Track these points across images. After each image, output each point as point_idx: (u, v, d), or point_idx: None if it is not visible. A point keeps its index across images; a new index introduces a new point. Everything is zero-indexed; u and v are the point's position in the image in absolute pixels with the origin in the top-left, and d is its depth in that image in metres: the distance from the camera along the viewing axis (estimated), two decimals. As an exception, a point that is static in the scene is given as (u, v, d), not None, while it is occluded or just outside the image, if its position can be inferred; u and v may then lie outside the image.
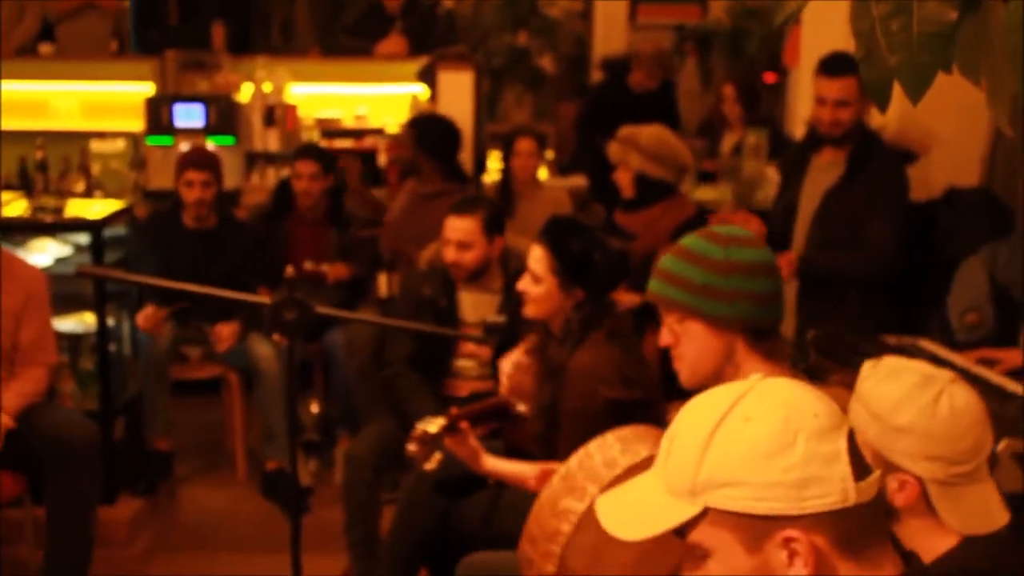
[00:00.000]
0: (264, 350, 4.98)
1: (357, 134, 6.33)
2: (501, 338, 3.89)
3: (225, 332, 4.99)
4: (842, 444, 1.35)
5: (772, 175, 5.23)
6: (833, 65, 4.10)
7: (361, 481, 3.98)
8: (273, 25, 7.21)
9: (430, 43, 6.34)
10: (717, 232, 2.27)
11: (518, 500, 3.27)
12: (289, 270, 2.74)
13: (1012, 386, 3.36)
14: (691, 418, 1.42)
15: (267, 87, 6.31)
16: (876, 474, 1.38)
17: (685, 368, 2.27)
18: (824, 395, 1.41)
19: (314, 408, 5.35)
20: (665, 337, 2.28)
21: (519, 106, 8.92)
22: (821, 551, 1.33)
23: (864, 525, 1.36)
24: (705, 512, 1.36)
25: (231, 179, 5.76)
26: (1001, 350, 3.75)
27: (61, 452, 3.82)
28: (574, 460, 2.29)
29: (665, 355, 2.34)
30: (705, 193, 5.69)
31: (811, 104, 4.31)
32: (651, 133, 4.54)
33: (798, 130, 4.98)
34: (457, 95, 5.76)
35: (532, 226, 4.36)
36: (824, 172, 4.23)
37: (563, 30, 9.09)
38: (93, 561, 3.94)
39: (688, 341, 2.24)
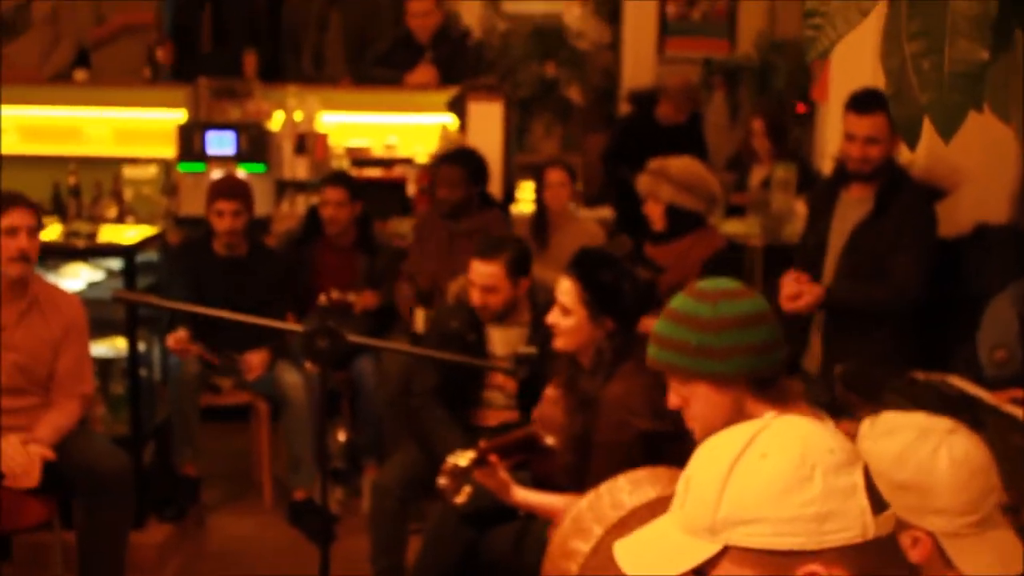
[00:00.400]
0: (292, 378, 5.00)
1: (386, 163, 6.37)
2: (530, 369, 3.90)
3: (255, 361, 5.02)
4: (859, 478, 1.35)
5: (801, 209, 5.21)
6: (863, 102, 4.09)
7: (387, 511, 3.99)
8: (305, 54, 7.26)
9: (460, 74, 6.39)
10: (704, 289, 2.26)
11: (546, 532, 3.28)
12: (322, 299, 2.77)
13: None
14: (707, 458, 1.42)
15: (298, 115, 6.36)
16: (892, 509, 1.38)
17: (697, 428, 2.28)
18: (837, 432, 1.43)
19: (341, 437, 5.36)
20: (673, 400, 2.30)
21: (547, 137, 8.97)
22: None
23: (884, 560, 1.36)
24: (725, 550, 1.36)
25: (261, 206, 5.80)
26: (1032, 389, 3.73)
27: (95, 482, 3.87)
28: (585, 501, 2.31)
29: None
30: (734, 227, 5.69)
31: (840, 139, 4.32)
32: (681, 165, 4.55)
33: (826, 165, 4.98)
34: (487, 125, 5.81)
35: (565, 257, 4.37)
36: (852, 208, 4.22)
37: (591, 62, 9.15)
38: (122, 586, 3.97)
39: (695, 402, 2.26)
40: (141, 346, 4.73)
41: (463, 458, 2.94)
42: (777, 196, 5.61)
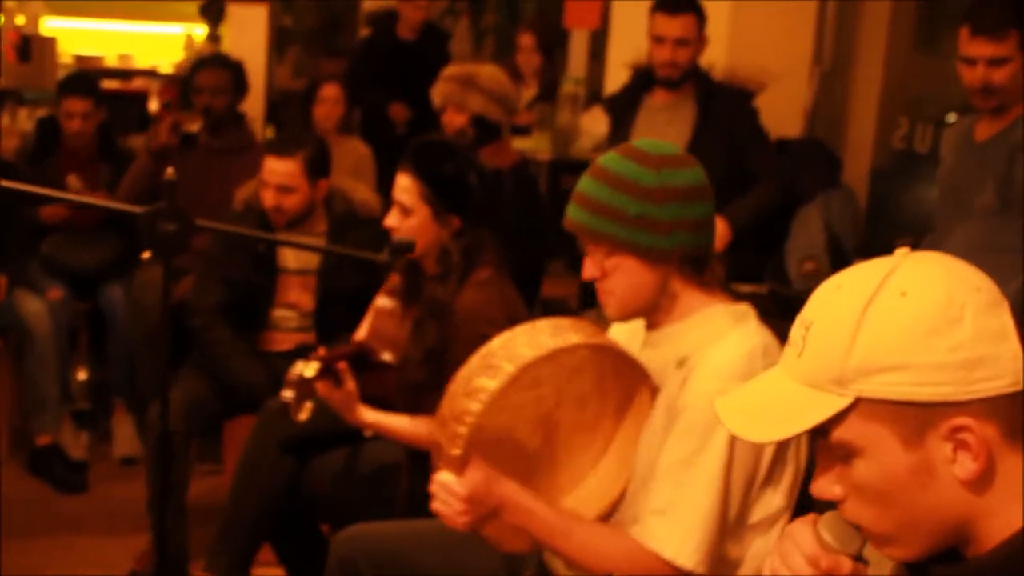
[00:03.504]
0: (34, 306, 4.42)
1: (124, 75, 5.76)
2: (331, 282, 3.55)
3: (-8, 285, 4.41)
4: (1008, 320, 1.16)
5: (587, 123, 5.10)
6: (673, 3, 3.96)
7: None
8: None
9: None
10: (644, 151, 1.99)
11: (378, 458, 2.94)
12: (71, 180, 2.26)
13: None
14: (832, 299, 1.21)
15: (19, 19, 5.68)
16: None
17: (614, 303, 2.04)
18: (977, 268, 1.21)
19: (82, 375, 4.82)
20: (590, 270, 2.03)
21: (280, 64, 8.45)
22: (991, 442, 1.14)
23: None
24: (855, 403, 1.16)
25: (-23, 120, 5.12)
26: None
27: None
28: (497, 340, 1.99)
29: None
30: (520, 143, 5.46)
31: (624, 53, 4.17)
32: (491, 73, 4.20)
33: (619, 77, 4.76)
34: (249, 32, 5.26)
35: (336, 181, 3.99)
36: (659, 113, 4.08)
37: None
38: None
39: (619, 275, 2.00)
40: None
41: (309, 368, 2.55)
42: (563, 113, 5.45)
